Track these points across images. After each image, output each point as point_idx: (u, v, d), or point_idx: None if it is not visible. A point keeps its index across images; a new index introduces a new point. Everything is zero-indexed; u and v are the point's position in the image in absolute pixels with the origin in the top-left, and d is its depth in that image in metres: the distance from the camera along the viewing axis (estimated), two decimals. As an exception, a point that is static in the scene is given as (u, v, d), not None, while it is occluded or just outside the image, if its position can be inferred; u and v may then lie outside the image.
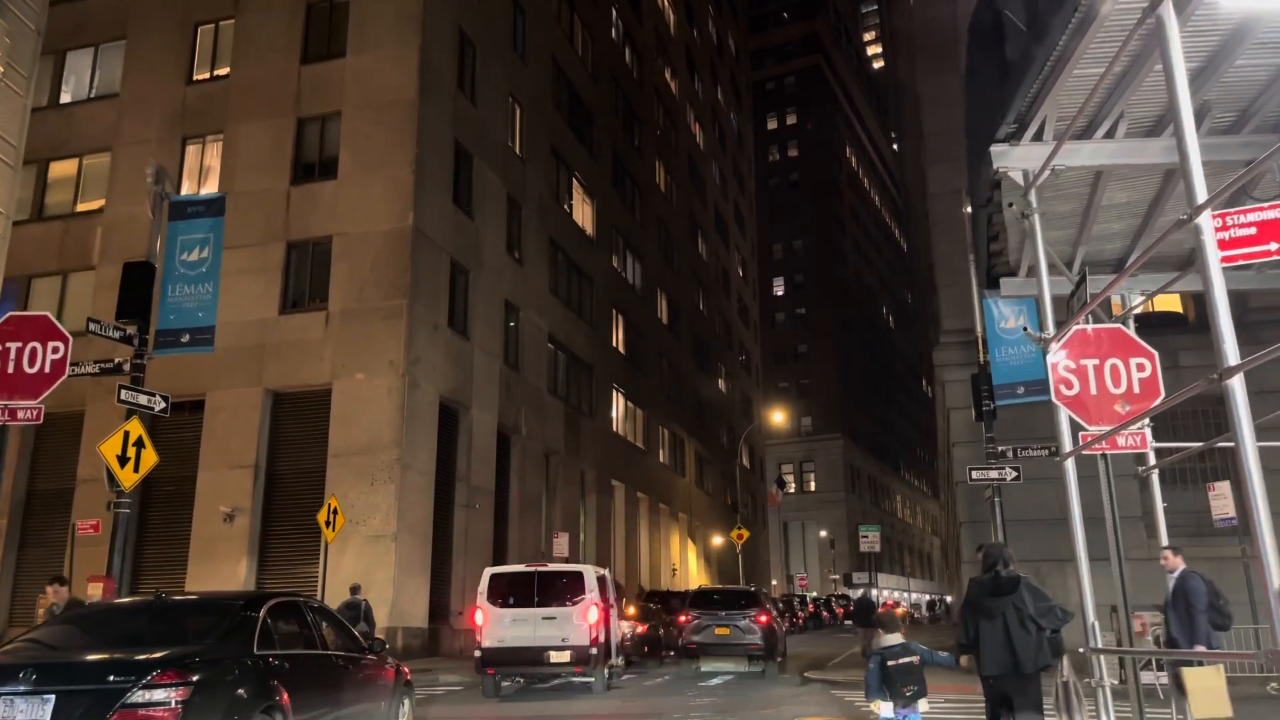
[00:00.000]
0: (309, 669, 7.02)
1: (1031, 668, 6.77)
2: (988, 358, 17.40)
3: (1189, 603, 8.23)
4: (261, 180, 24.47)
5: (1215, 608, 8.26)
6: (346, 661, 7.70)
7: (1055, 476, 18.39)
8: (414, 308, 22.89)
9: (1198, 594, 8.26)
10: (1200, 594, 8.26)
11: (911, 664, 7.12)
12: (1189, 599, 8.24)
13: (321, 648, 7.34)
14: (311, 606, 7.72)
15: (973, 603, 7.26)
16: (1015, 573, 7.05)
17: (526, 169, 30.63)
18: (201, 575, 22.29)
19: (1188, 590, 8.31)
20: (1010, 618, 6.86)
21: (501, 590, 15.65)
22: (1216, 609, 8.28)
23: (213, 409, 23.37)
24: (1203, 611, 8.18)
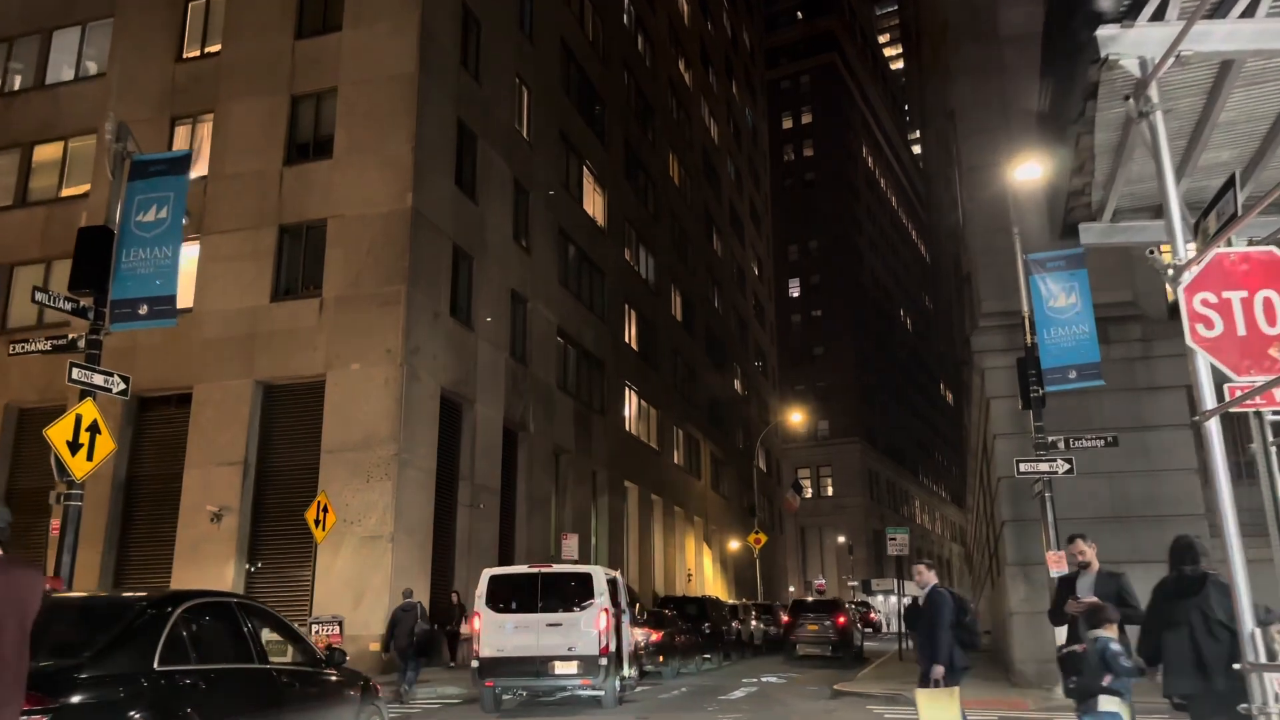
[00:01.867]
0: (237, 687, 5.59)
1: (1225, 684, 5.30)
2: (1035, 339, 15.86)
3: (933, 619, 7.86)
4: (253, 161, 23.15)
5: (962, 624, 7.88)
6: (292, 677, 6.26)
7: (1109, 471, 16.83)
8: (413, 294, 21.49)
9: (942, 609, 7.83)
10: (945, 609, 7.86)
11: (1075, 653, 6.52)
12: (934, 614, 7.86)
13: (259, 660, 5.89)
14: (248, 609, 6.27)
15: (1155, 607, 6.19)
16: (1202, 569, 5.59)
17: (534, 154, 29.24)
18: (187, 578, 20.90)
19: (934, 605, 7.92)
20: (1196, 625, 5.44)
21: (502, 594, 14.19)
22: (963, 625, 7.89)
23: (200, 402, 22.02)
24: (947, 628, 7.78)
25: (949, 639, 7.86)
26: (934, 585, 8.22)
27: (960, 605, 8.08)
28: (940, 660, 7.86)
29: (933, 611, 8.02)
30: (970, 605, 8.41)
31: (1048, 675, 16.13)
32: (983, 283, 18.75)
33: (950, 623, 7.90)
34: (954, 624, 7.90)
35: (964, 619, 8.04)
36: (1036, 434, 15.46)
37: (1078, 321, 15.83)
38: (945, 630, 7.88)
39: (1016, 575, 17.05)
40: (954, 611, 7.97)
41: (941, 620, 7.93)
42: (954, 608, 8.01)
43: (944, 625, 7.90)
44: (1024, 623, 16.74)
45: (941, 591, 8.16)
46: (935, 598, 8.13)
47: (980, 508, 28.69)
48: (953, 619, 7.94)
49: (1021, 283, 16.18)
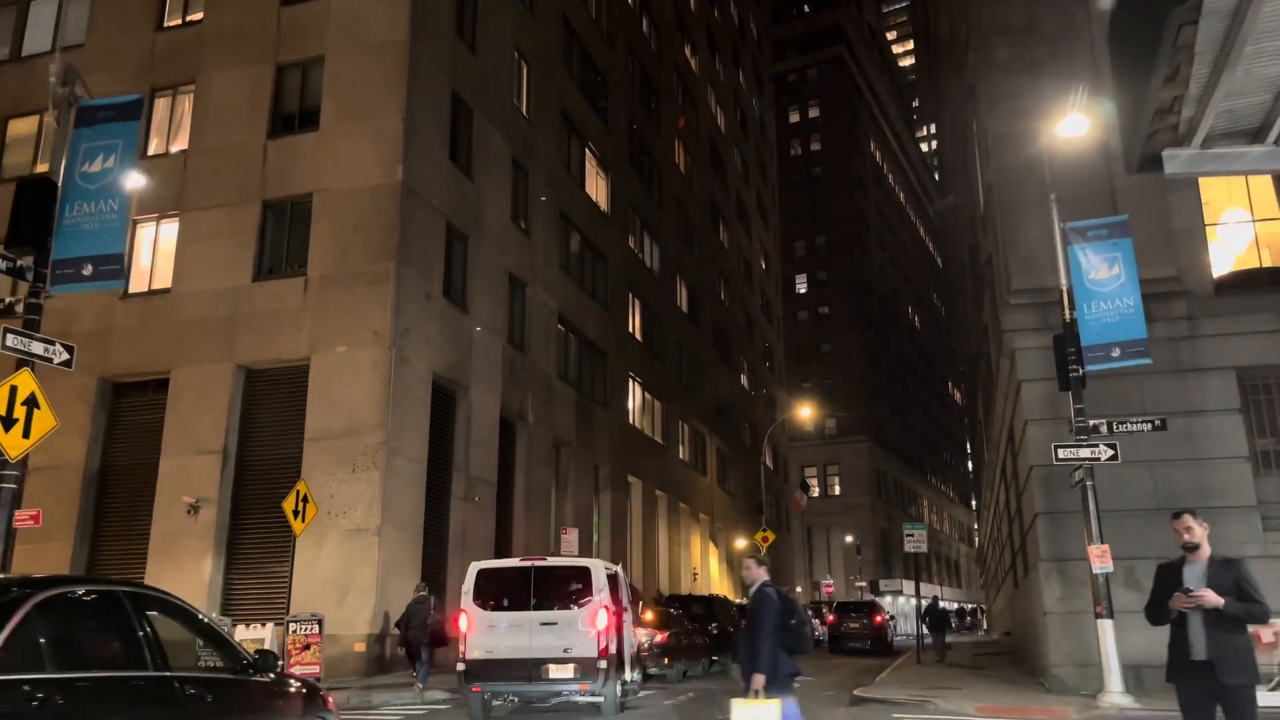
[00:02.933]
0: (118, 703, 4.30)
1: None
2: (1074, 315, 14.55)
3: (755, 621, 7.06)
4: (235, 134, 21.91)
5: (788, 627, 7.05)
6: (204, 687, 4.98)
7: (1151, 459, 15.43)
8: (403, 272, 20.22)
9: (765, 611, 7.02)
10: (768, 611, 7.01)
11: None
12: (756, 616, 7.07)
13: (154, 667, 4.60)
14: (143, 600, 4.97)
15: None
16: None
17: (534, 132, 27.96)
18: (162, 574, 19.62)
19: (757, 606, 7.11)
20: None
21: (491, 590, 12.90)
22: (789, 629, 7.06)
23: (177, 387, 20.77)
24: (770, 632, 6.95)
25: (771, 645, 6.94)
26: (761, 583, 7.25)
27: (787, 606, 7.12)
28: (760, 669, 6.90)
29: (756, 612, 7.11)
30: (799, 606, 7.40)
31: (1087, 679, 14.83)
32: (1012, 258, 17.42)
33: (774, 626, 6.98)
34: (779, 627, 6.99)
35: (790, 621, 7.07)
36: (1077, 418, 14.16)
37: (1121, 294, 14.53)
38: (768, 635, 6.96)
39: (1051, 572, 15.71)
40: (779, 613, 7.02)
41: (764, 623, 7.00)
42: (779, 609, 7.05)
43: (767, 629, 6.98)
44: (1060, 623, 15.42)
45: (767, 591, 7.17)
46: (759, 597, 7.19)
47: (1001, 503, 27.36)
48: (777, 622, 7.00)
49: (1059, 253, 14.88)
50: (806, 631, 7.38)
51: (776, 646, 6.98)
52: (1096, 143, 16.55)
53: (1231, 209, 17.59)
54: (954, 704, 13.45)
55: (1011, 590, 26.16)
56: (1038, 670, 17.57)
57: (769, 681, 6.89)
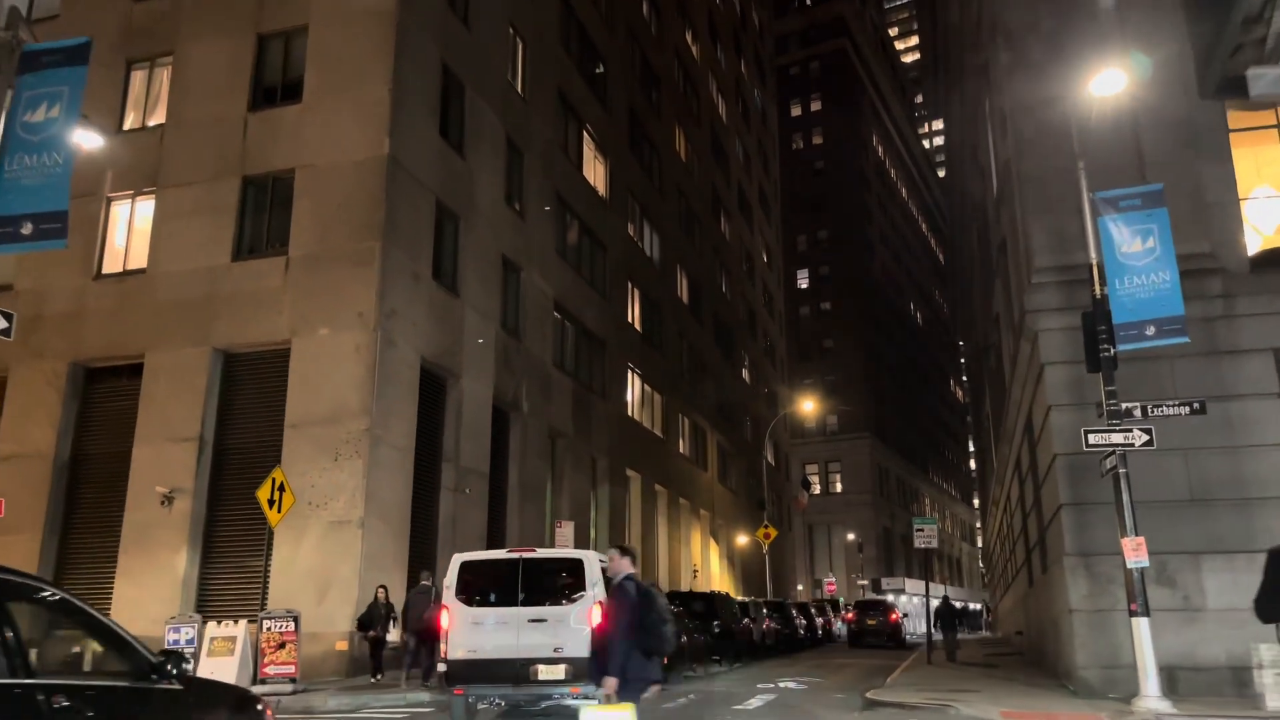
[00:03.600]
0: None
1: None
2: (1105, 291, 13.52)
3: (610, 618, 6.55)
4: (214, 107, 20.88)
5: (643, 626, 6.43)
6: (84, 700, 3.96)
7: (1184, 447, 14.35)
8: (389, 251, 19.20)
9: (621, 607, 6.48)
10: (624, 608, 6.46)
11: None
12: (611, 613, 6.56)
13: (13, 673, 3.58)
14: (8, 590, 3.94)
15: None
16: None
17: (530, 112, 26.93)
18: (134, 568, 18.68)
19: (613, 602, 6.60)
20: None
21: (476, 584, 11.91)
22: (645, 627, 6.44)
23: (152, 372, 19.75)
24: (624, 631, 6.41)
25: (625, 645, 6.38)
26: (625, 576, 6.68)
27: (646, 603, 6.50)
28: (611, 671, 6.36)
29: (611, 609, 6.58)
30: (660, 602, 6.75)
31: (1116, 682, 13.83)
32: (1034, 234, 16.38)
33: (629, 625, 6.41)
34: (635, 626, 6.41)
35: (647, 619, 6.45)
36: (1108, 400, 13.11)
37: (1156, 269, 13.50)
38: (621, 634, 6.40)
39: (1076, 567, 14.68)
40: (635, 610, 6.44)
41: (617, 621, 6.44)
42: (635, 606, 6.44)
43: (620, 628, 6.41)
44: (1086, 622, 14.39)
45: (625, 585, 6.59)
46: (615, 592, 6.65)
47: (1013, 498, 26.33)
48: (632, 619, 6.40)
49: (1088, 225, 13.85)
50: (665, 632, 6.60)
51: (631, 647, 6.37)
52: (1123, 111, 15.55)
53: (1260, 186, 16.58)
54: (976, 709, 12.44)
55: (1025, 588, 25.14)
56: (1059, 672, 16.56)
57: (620, 685, 6.30)
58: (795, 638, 32.69)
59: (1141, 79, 13.91)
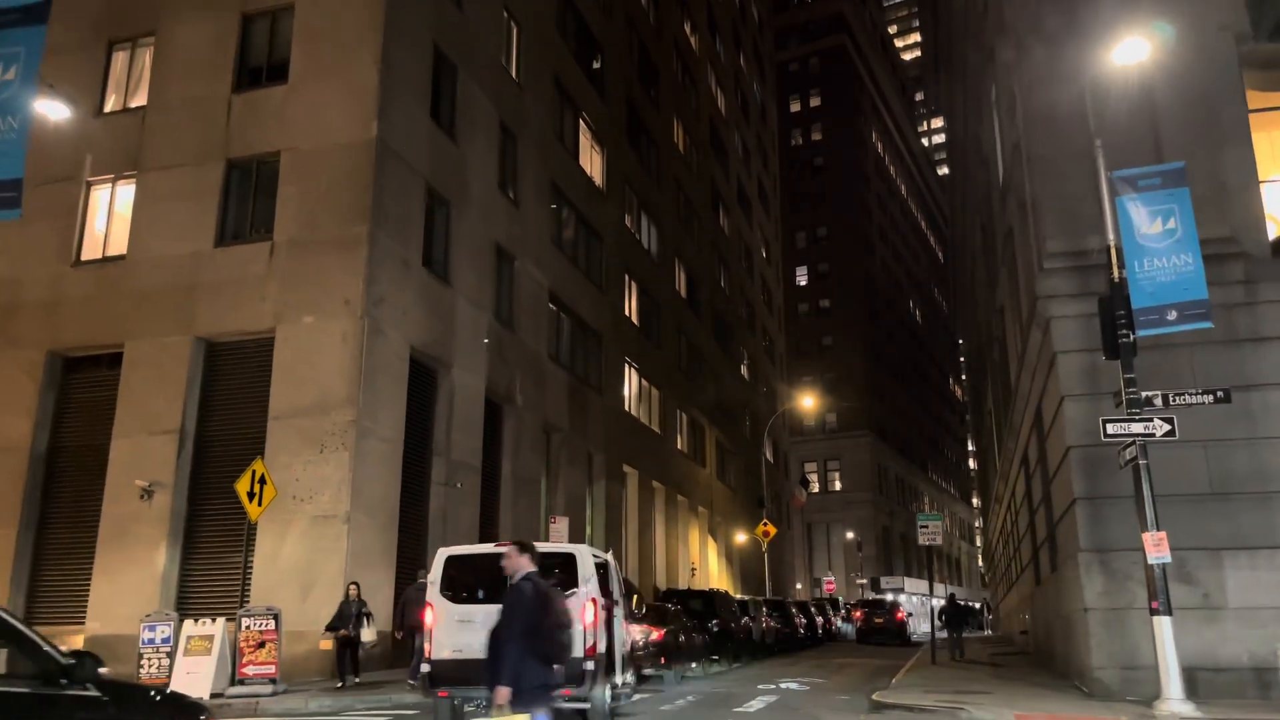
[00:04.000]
0: None
1: None
2: (1124, 274, 12.89)
3: (505, 621, 6.04)
4: (198, 88, 20.22)
5: (540, 632, 5.98)
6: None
7: (1206, 438, 13.72)
8: (377, 237, 18.54)
9: (516, 610, 6.02)
10: (520, 610, 5.99)
11: None
12: (506, 615, 6.05)
13: None
14: None
15: None
16: None
17: (524, 97, 26.27)
18: (112, 564, 18.01)
19: (509, 603, 6.10)
20: None
21: (462, 580, 11.25)
22: (542, 632, 5.99)
23: (131, 362, 19.09)
24: (518, 635, 5.93)
25: (519, 650, 5.87)
26: (523, 575, 6.17)
27: (543, 605, 6.05)
28: (502, 680, 5.84)
29: (506, 610, 6.06)
30: (559, 605, 6.27)
31: (1134, 684, 13.22)
32: (1046, 217, 15.74)
33: (525, 628, 5.93)
34: (532, 630, 5.94)
35: (544, 623, 6.00)
36: (1128, 389, 12.48)
37: (1177, 251, 12.88)
38: (516, 638, 5.90)
39: (1092, 564, 14.05)
40: (532, 613, 5.98)
41: (512, 624, 5.97)
42: (533, 608, 5.97)
43: (514, 631, 5.93)
44: (1102, 621, 13.76)
45: (522, 586, 6.08)
46: (511, 592, 6.13)
47: (1019, 494, 25.71)
48: (528, 622, 5.94)
49: (1105, 205, 13.21)
50: (563, 637, 6.16)
51: (526, 653, 5.87)
52: (1139, 91, 14.97)
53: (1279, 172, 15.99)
54: (989, 711, 11.82)
55: (1031, 586, 24.51)
56: (1071, 672, 15.94)
57: (515, 695, 5.80)
58: (795, 637, 32.09)
59: (1165, 47, 13.27)
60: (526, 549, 6.34)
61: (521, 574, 6.20)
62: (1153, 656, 13.19)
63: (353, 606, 15.08)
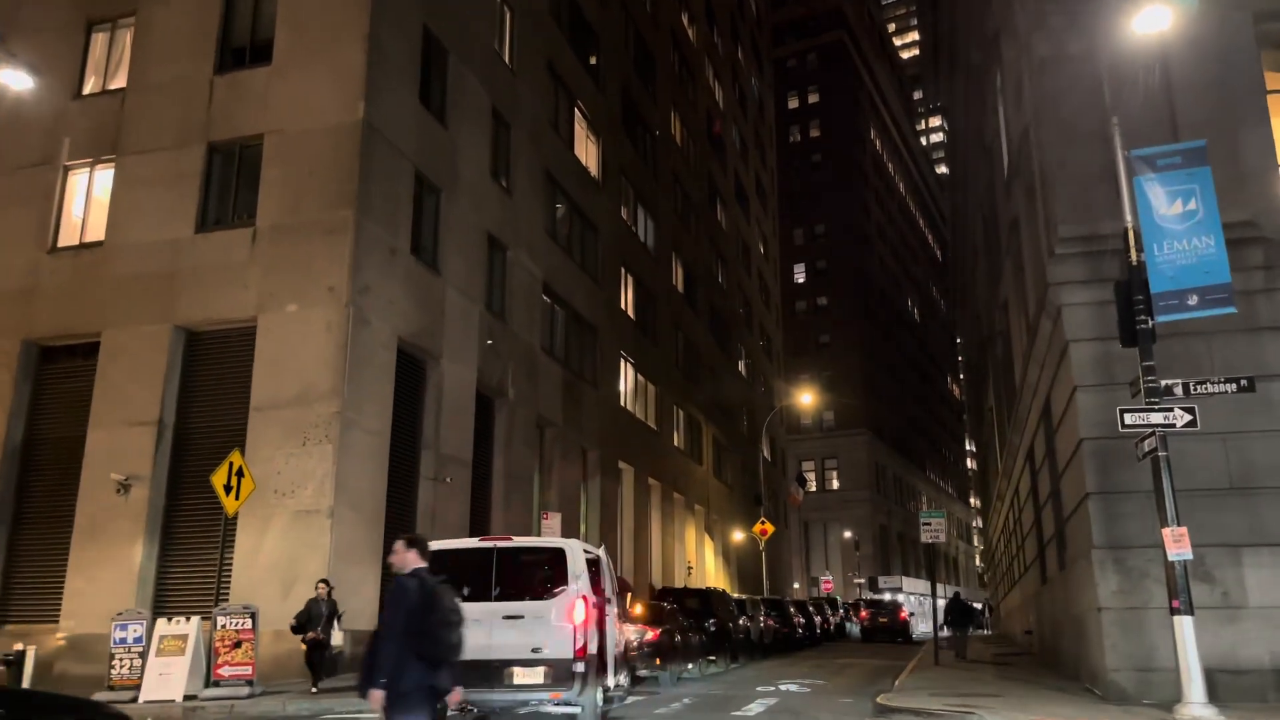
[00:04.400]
0: None
1: None
2: (1142, 257, 12.30)
3: (387, 617, 5.69)
4: (179, 69, 19.59)
5: (422, 630, 5.56)
6: None
7: (1225, 430, 13.08)
8: (363, 223, 17.91)
9: (397, 608, 5.65)
10: (401, 608, 5.61)
11: None
12: (386, 613, 5.76)
13: None
14: None
15: None
16: None
17: (518, 84, 25.63)
18: (87, 560, 17.38)
19: (391, 600, 5.78)
20: None
21: (445, 576, 10.61)
22: (424, 631, 5.57)
23: (109, 352, 18.46)
24: (397, 634, 5.56)
25: (396, 650, 5.50)
26: (409, 571, 5.78)
27: (427, 601, 5.61)
28: (374, 682, 5.47)
29: (386, 608, 5.74)
30: (447, 602, 5.77)
31: (1151, 686, 12.64)
32: (1059, 201, 15.13)
33: (404, 627, 5.54)
34: (413, 629, 5.53)
35: (426, 621, 5.57)
36: (1147, 378, 11.88)
37: (1198, 233, 12.30)
38: (393, 637, 5.53)
39: (1105, 561, 13.45)
40: (414, 611, 5.57)
41: (391, 622, 5.60)
42: (415, 605, 5.57)
43: (393, 630, 5.56)
44: (1117, 621, 13.17)
45: (405, 582, 5.69)
46: (393, 589, 5.74)
47: (1023, 491, 25.13)
48: (408, 621, 5.54)
49: (1123, 185, 12.61)
50: (448, 636, 5.66)
51: (404, 652, 5.48)
52: (1154, 72, 14.41)
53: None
54: (1001, 716, 11.24)
55: (1036, 585, 23.93)
56: (1082, 674, 15.35)
57: (392, 698, 5.38)
58: (793, 637, 31.50)
59: (1182, 24, 12.70)
60: (415, 544, 5.89)
61: (409, 570, 5.78)
62: (1171, 658, 12.62)
63: (322, 606, 14.07)
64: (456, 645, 5.73)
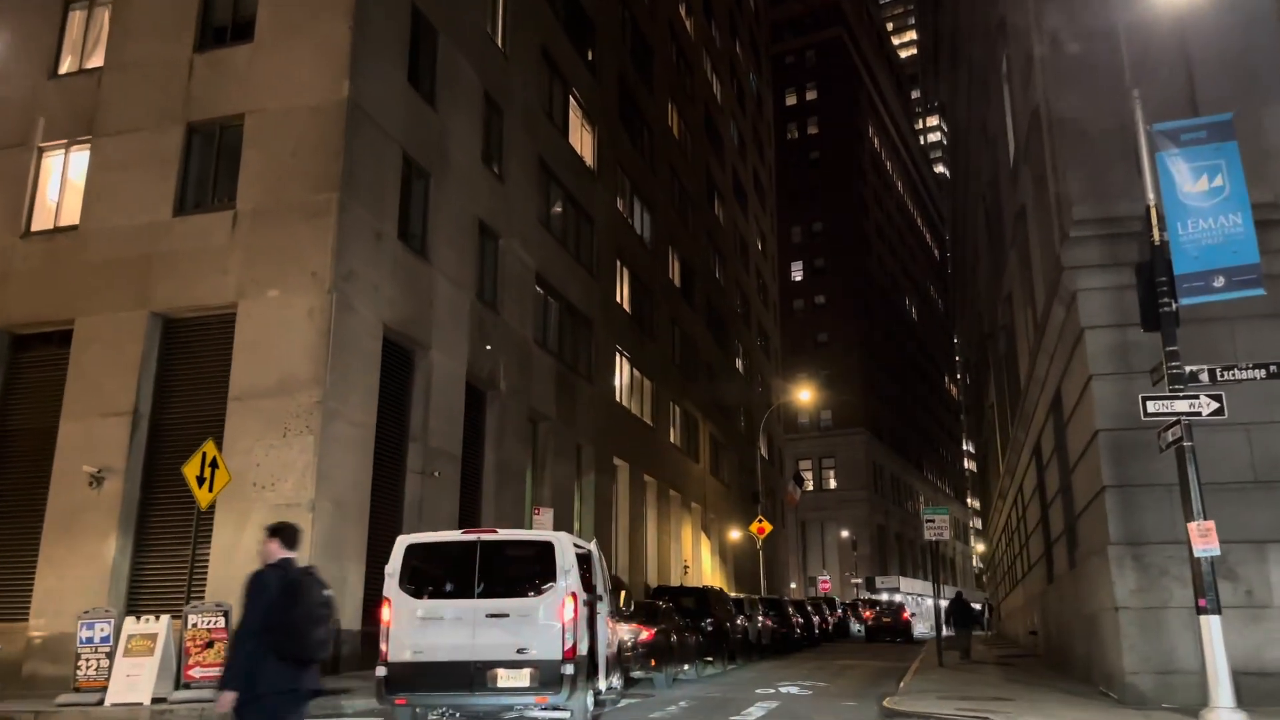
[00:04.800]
0: None
1: None
2: (1165, 237, 11.64)
3: (244, 613, 5.20)
4: (158, 48, 18.88)
5: (283, 625, 5.08)
6: None
7: (1249, 421, 12.32)
8: (348, 205, 17.22)
9: (253, 602, 5.18)
10: (256, 603, 5.18)
11: None
12: (246, 607, 5.23)
13: None
14: None
15: None
16: None
17: (511, 68, 24.95)
18: (58, 556, 16.65)
19: (246, 593, 5.27)
20: None
21: (425, 571, 9.98)
22: (283, 627, 5.08)
23: (83, 339, 17.73)
24: (252, 631, 5.09)
25: (251, 650, 5.09)
26: (273, 563, 5.35)
27: (289, 595, 5.15)
28: (226, 682, 5.11)
29: (244, 604, 5.26)
30: (313, 596, 5.31)
31: (1173, 690, 12.00)
32: (1073, 182, 14.47)
33: (260, 623, 5.11)
34: (274, 625, 5.10)
35: (287, 616, 5.12)
36: (1170, 363, 11.22)
37: (1224, 210, 11.63)
38: (248, 634, 5.12)
39: (1124, 558, 12.80)
40: (271, 606, 5.12)
41: (246, 618, 5.17)
42: (273, 600, 5.13)
43: (247, 627, 5.14)
44: (1136, 621, 12.51)
45: (264, 575, 5.27)
46: (250, 583, 5.29)
47: (1029, 488, 24.48)
48: (267, 616, 5.08)
49: (1144, 161, 11.95)
50: (311, 633, 5.17)
51: (260, 651, 5.05)
52: (1173, 49, 13.84)
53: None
54: (1018, 722, 10.57)
55: (1042, 585, 23.29)
56: (1095, 676, 14.70)
57: (245, 701, 4.99)
58: (792, 637, 30.84)
59: None
60: (278, 532, 5.44)
61: (274, 561, 5.33)
62: (1192, 660, 12.00)
63: None
64: (321, 642, 5.21)
